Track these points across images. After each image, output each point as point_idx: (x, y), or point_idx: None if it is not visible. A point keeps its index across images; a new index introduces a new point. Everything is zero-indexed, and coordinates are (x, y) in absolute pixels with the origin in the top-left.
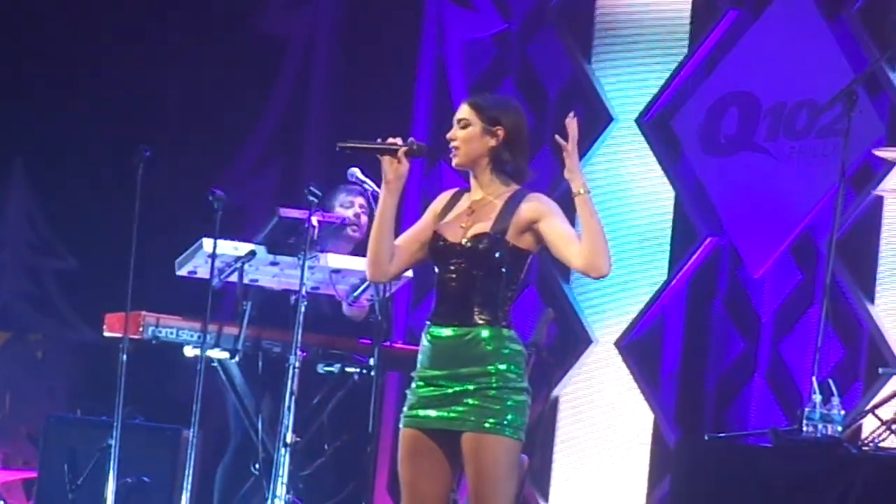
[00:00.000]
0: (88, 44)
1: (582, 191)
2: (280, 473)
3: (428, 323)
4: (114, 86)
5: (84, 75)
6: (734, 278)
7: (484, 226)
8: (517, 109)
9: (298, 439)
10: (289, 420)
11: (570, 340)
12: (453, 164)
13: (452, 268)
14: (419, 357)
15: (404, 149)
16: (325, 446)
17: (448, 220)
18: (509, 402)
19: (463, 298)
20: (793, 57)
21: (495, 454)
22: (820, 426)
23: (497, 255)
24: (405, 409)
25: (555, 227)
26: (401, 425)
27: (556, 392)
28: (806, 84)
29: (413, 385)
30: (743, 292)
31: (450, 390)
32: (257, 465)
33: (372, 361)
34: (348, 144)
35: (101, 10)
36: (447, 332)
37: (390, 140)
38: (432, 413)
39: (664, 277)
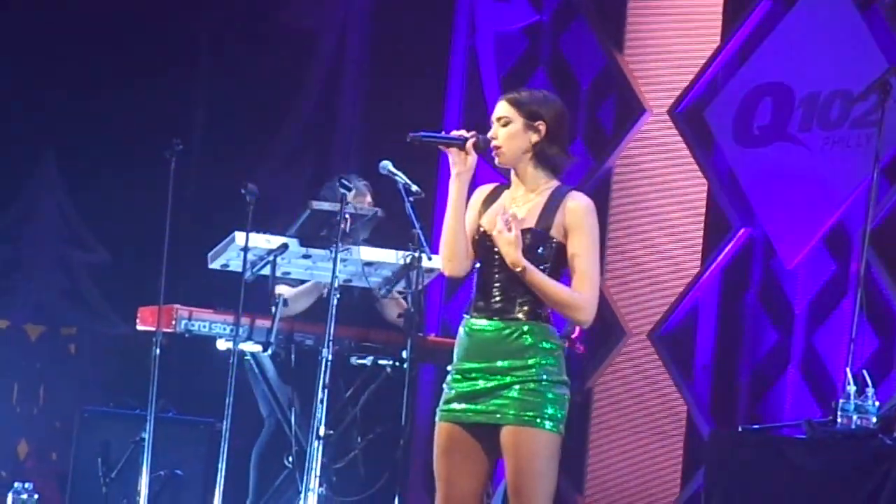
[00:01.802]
0: (120, 37)
1: (518, 269)
2: (313, 466)
3: (466, 316)
4: (146, 79)
5: (116, 69)
6: (767, 269)
7: (528, 222)
8: (556, 101)
9: (331, 432)
10: (321, 413)
11: (603, 332)
12: (496, 162)
13: (496, 262)
14: (456, 350)
15: (473, 140)
16: (358, 439)
17: (491, 215)
18: (549, 395)
19: (505, 292)
20: (826, 47)
21: (535, 447)
22: (854, 417)
23: (540, 250)
24: (441, 403)
25: (575, 253)
26: (437, 419)
27: (589, 384)
28: (839, 74)
29: (449, 378)
30: (776, 283)
31: (489, 384)
32: (290, 458)
33: (405, 354)
34: (420, 135)
35: (132, 3)
36: (488, 325)
37: (456, 133)
38: (471, 407)
39: (697, 269)
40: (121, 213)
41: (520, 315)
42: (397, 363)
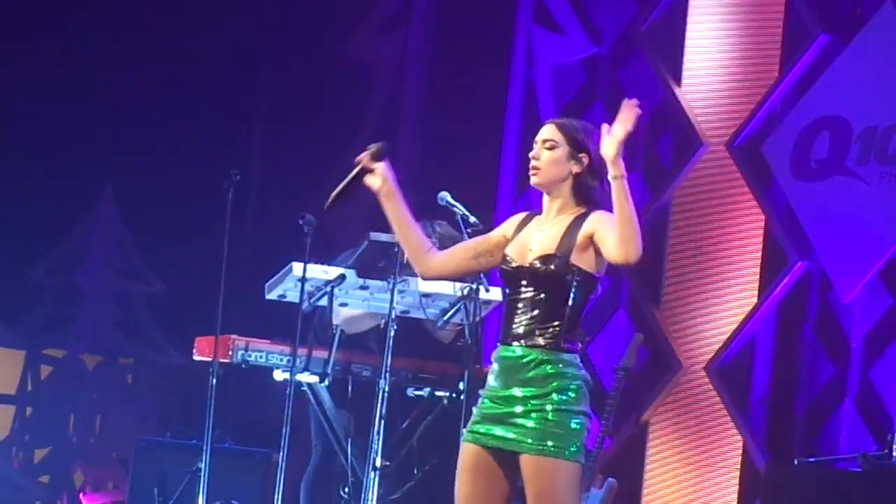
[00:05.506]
0: (178, 69)
1: (619, 174)
2: (369, 497)
3: (500, 343)
4: (204, 111)
5: (174, 100)
6: (824, 303)
7: (549, 247)
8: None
9: (388, 463)
10: (378, 444)
11: (659, 365)
12: (531, 182)
13: (520, 290)
14: (489, 375)
15: (367, 155)
16: (415, 470)
17: (517, 242)
18: (571, 426)
19: (527, 320)
20: (884, 81)
21: (555, 476)
22: None
23: (562, 277)
24: (469, 424)
25: (603, 224)
26: (462, 440)
27: (645, 416)
28: None
29: (479, 402)
30: (833, 317)
31: (511, 410)
32: (346, 489)
33: (462, 385)
34: (331, 199)
35: (190, 35)
36: (512, 352)
37: (356, 165)
38: (494, 431)
39: (754, 302)
40: (178, 243)
41: (541, 342)
42: (454, 395)
